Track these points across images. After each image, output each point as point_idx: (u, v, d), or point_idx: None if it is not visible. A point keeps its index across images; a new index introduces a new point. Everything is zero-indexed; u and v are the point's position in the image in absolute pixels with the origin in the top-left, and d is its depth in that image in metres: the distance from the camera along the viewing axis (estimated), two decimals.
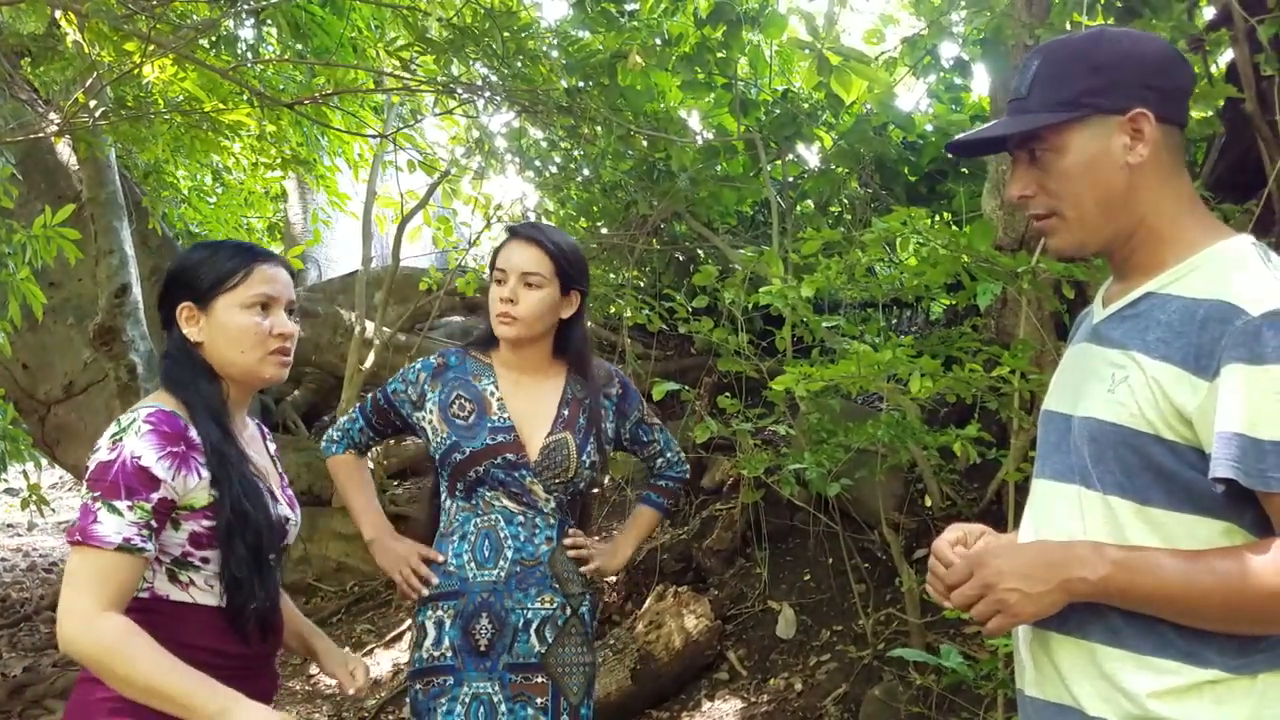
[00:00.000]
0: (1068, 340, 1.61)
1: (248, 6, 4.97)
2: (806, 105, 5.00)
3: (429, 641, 2.23)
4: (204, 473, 1.67)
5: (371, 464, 3.49)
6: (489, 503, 2.25)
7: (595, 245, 5.40)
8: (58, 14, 4.48)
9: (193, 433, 1.68)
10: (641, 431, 2.46)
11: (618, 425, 2.40)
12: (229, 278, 1.77)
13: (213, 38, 4.98)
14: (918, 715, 3.32)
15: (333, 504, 5.58)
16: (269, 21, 5.47)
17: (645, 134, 4.81)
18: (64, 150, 6.04)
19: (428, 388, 2.30)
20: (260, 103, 4.96)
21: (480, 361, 2.34)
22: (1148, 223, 1.37)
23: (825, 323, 3.41)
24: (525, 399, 2.29)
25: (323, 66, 5.21)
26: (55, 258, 3.66)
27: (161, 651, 1.59)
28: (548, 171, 5.53)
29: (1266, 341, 1.21)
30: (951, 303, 4.00)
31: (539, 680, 2.21)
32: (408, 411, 2.33)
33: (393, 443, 5.95)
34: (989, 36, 4.05)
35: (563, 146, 5.38)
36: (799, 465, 3.36)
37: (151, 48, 4.03)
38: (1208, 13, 3.84)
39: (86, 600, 1.57)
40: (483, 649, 2.20)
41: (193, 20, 4.49)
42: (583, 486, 2.34)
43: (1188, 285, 1.32)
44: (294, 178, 8.12)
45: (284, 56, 5.51)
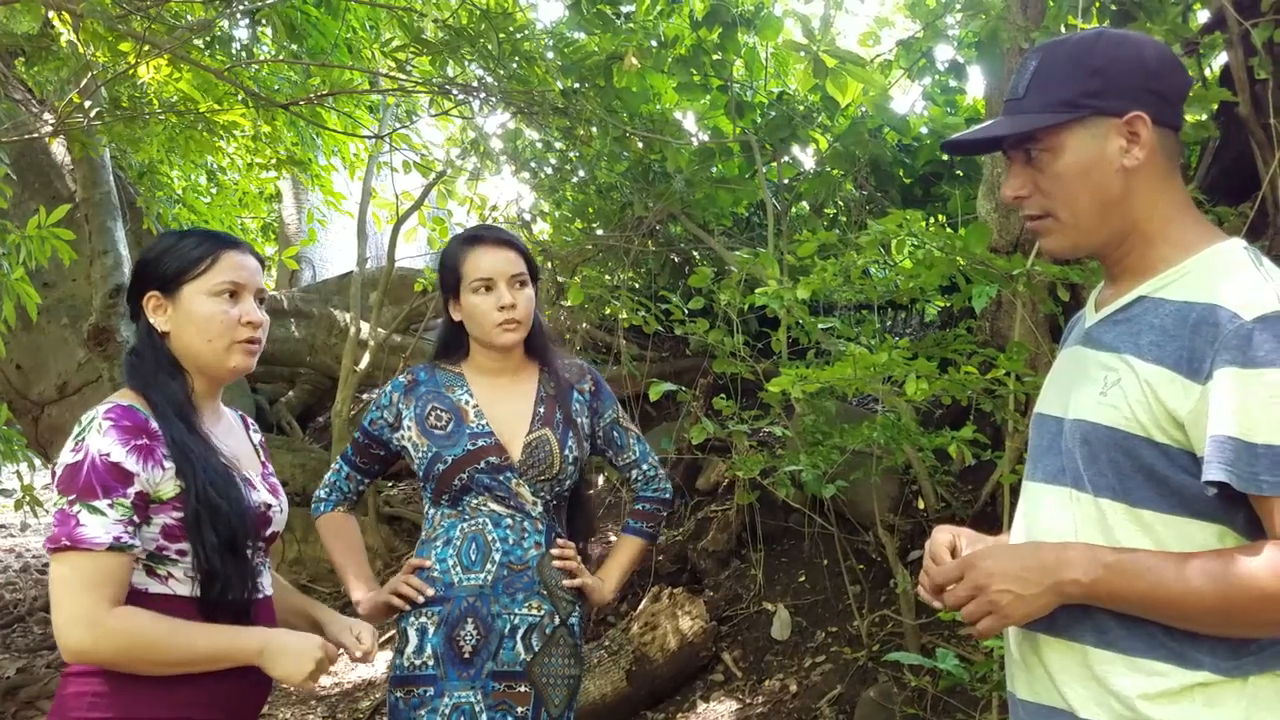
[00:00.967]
0: (1060, 344, 1.61)
1: (243, 7, 4.96)
2: (802, 107, 5.02)
3: (410, 649, 2.19)
4: (168, 464, 1.65)
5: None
6: (476, 508, 2.22)
7: (591, 246, 5.40)
8: (52, 14, 4.48)
9: (154, 424, 1.66)
10: (616, 434, 2.40)
11: (591, 422, 2.37)
12: (195, 265, 1.74)
13: (208, 38, 4.97)
14: (912, 717, 3.32)
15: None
16: (264, 22, 5.45)
17: (641, 135, 4.82)
18: (59, 150, 6.04)
19: (402, 406, 2.28)
20: (255, 103, 4.96)
21: (450, 372, 2.31)
22: (1141, 226, 1.37)
23: (821, 325, 3.41)
24: (501, 402, 2.28)
25: (318, 67, 5.20)
26: (50, 258, 3.65)
27: (174, 623, 1.60)
28: (543, 173, 5.53)
29: (1259, 345, 1.21)
30: (947, 305, 4.00)
31: (522, 689, 2.17)
32: (388, 437, 2.30)
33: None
34: (984, 39, 4.07)
35: (558, 148, 5.38)
36: (794, 467, 3.37)
37: (146, 48, 4.03)
38: (1202, 16, 3.85)
39: (88, 604, 1.56)
40: (466, 656, 2.16)
41: (188, 21, 4.49)
42: (569, 486, 2.31)
43: (1180, 289, 1.32)
44: (289, 177, 8.12)
45: (279, 57, 5.50)
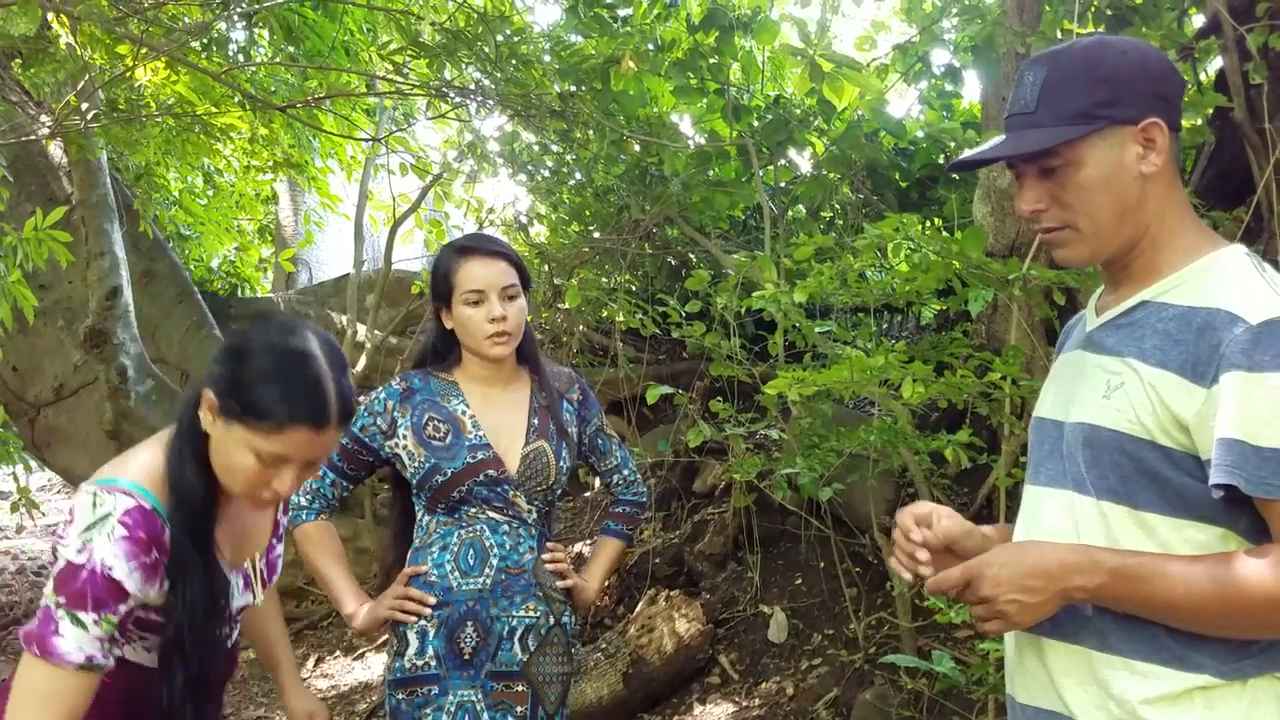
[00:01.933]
0: (1056, 348, 1.61)
1: (240, 10, 4.96)
2: (798, 111, 5.02)
3: (411, 651, 2.21)
4: (167, 583, 1.59)
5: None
6: (473, 516, 2.23)
7: (588, 249, 5.41)
8: (50, 16, 4.47)
9: (167, 536, 1.58)
10: (600, 441, 2.42)
11: (579, 431, 2.38)
12: (260, 419, 1.54)
13: (205, 41, 4.97)
14: (909, 719, 3.33)
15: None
16: (261, 25, 5.45)
17: (638, 139, 4.82)
18: (55, 152, 6.03)
19: (397, 414, 2.27)
20: (252, 106, 4.96)
21: (444, 380, 2.31)
22: (1151, 232, 1.37)
23: (817, 328, 3.42)
24: (496, 413, 2.28)
25: (315, 70, 5.20)
26: (46, 260, 3.65)
27: None
28: (540, 175, 5.53)
29: (1265, 350, 1.22)
30: (943, 308, 4.01)
31: (520, 689, 2.20)
32: (379, 444, 2.28)
33: None
34: (980, 44, 4.08)
35: (555, 150, 5.39)
36: (791, 470, 3.37)
37: (144, 50, 4.03)
38: (1197, 21, 3.87)
39: None
40: (467, 657, 2.18)
41: (185, 23, 4.49)
42: (560, 493, 2.34)
43: (1184, 294, 1.32)
44: (285, 180, 8.10)
45: (276, 60, 5.50)
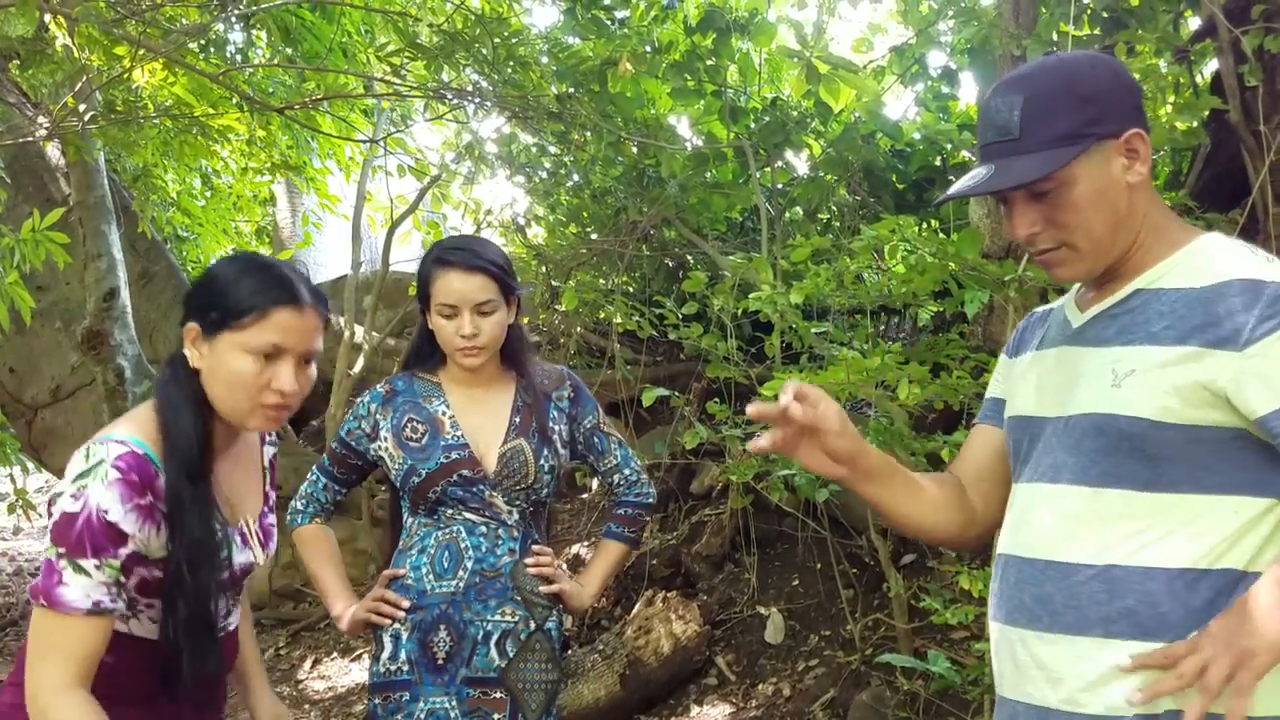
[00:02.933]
0: (1012, 349, 1.62)
1: (238, 11, 4.97)
2: (795, 113, 5.03)
3: (385, 655, 2.20)
4: (165, 527, 1.58)
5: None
6: (451, 517, 2.22)
7: (585, 250, 5.41)
8: (47, 17, 4.48)
9: (161, 481, 1.57)
10: (596, 439, 2.37)
11: (571, 430, 2.35)
12: (240, 316, 1.58)
13: (202, 42, 4.98)
14: None
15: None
16: (259, 26, 5.46)
17: (635, 140, 4.83)
18: (53, 154, 6.03)
19: (379, 417, 2.27)
20: (250, 107, 4.97)
21: (428, 381, 2.30)
22: (1140, 235, 1.40)
23: (814, 329, 3.42)
24: (477, 413, 2.27)
25: (313, 71, 5.21)
26: (44, 261, 3.65)
27: None
28: (538, 177, 5.53)
29: None
30: (939, 310, 4.01)
31: (497, 695, 2.16)
32: (365, 447, 2.28)
33: None
34: (976, 46, 4.09)
35: (553, 152, 5.39)
36: (788, 471, 3.37)
37: (141, 52, 4.03)
38: (1193, 23, 3.88)
39: (54, 674, 1.50)
40: (440, 662, 2.16)
41: (183, 25, 4.49)
42: (546, 495, 2.30)
43: (1180, 277, 1.36)
44: (283, 181, 8.10)
45: (274, 61, 5.51)
